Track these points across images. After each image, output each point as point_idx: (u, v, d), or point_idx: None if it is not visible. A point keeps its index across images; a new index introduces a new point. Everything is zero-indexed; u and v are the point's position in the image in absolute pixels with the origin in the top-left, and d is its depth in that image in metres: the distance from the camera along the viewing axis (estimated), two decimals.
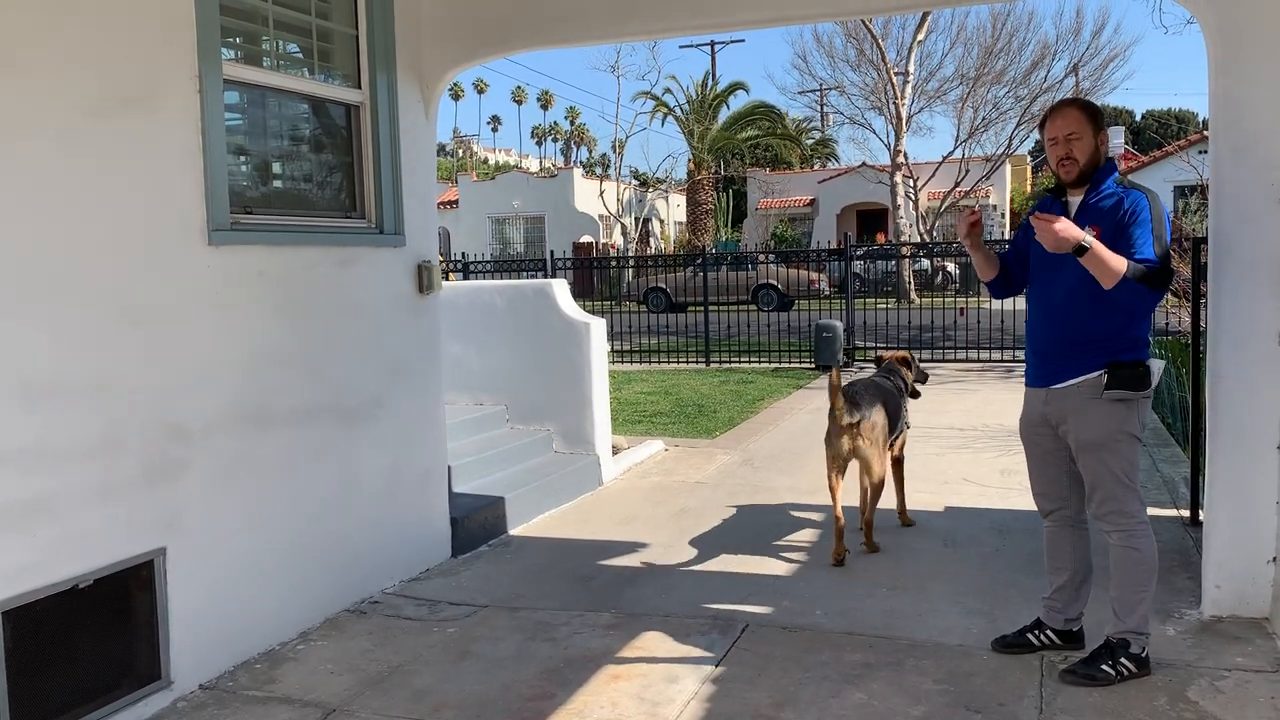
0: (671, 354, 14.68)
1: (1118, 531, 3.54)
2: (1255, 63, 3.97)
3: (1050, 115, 3.62)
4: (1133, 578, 3.53)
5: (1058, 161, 3.56)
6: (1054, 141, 3.55)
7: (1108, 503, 3.53)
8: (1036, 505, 3.85)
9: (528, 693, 3.67)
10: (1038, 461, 3.76)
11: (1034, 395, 3.70)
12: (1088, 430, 3.53)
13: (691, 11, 5.05)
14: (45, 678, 3.25)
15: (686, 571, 5.04)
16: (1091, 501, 3.60)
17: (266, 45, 4.36)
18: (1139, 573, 3.53)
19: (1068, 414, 3.56)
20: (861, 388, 5.44)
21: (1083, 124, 3.52)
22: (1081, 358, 3.50)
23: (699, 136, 34.68)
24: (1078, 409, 3.53)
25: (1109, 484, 3.53)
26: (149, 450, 3.59)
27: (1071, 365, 3.53)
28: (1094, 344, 3.48)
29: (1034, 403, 3.70)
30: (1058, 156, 3.55)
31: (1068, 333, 3.54)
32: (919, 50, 26.64)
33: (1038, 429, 3.70)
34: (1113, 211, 3.46)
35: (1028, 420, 3.75)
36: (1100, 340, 3.47)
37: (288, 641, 4.21)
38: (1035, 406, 3.69)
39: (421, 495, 5.14)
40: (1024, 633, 3.87)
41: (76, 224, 3.35)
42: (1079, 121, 3.52)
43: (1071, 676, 3.57)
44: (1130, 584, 3.54)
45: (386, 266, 4.86)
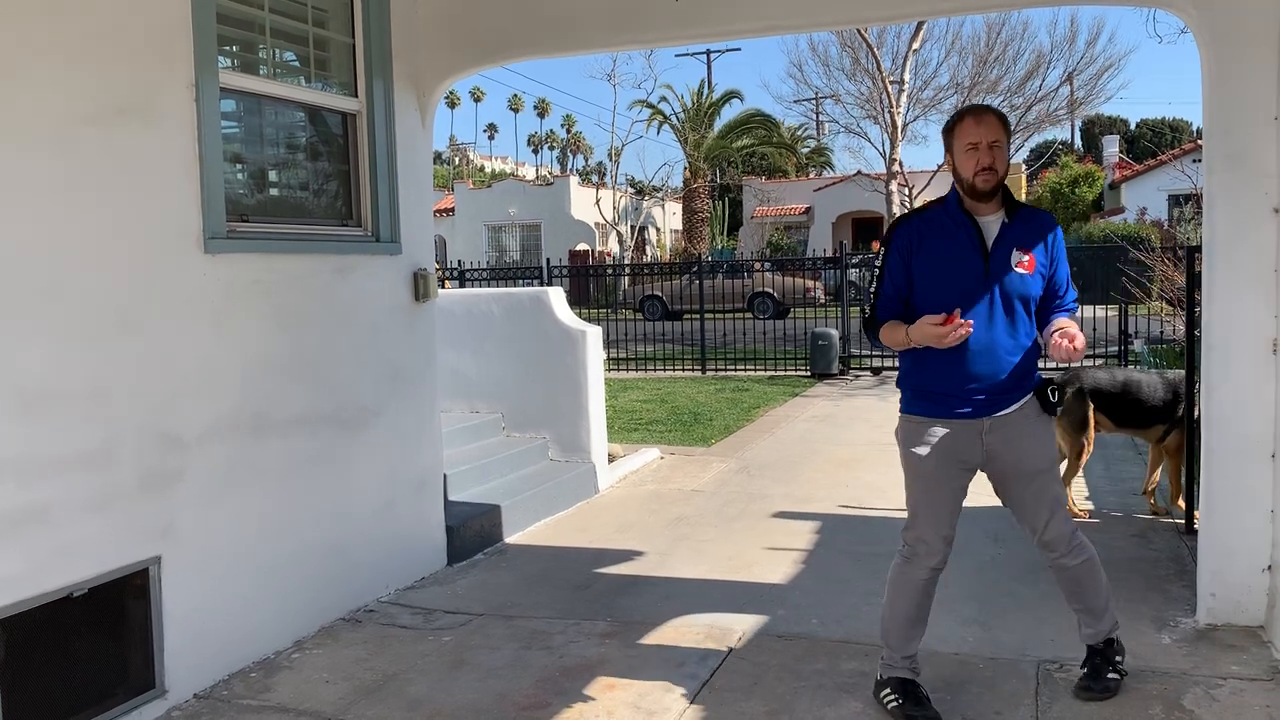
0: (667, 362, 14.68)
1: (1075, 550, 3.42)
2: (1248, 72, 3.99)
3: (967, 118, 3.29)
4: (1100, 583, 3.50)
5: (977, 171, 3.22)
6: (973, 147, 3.22)
7: (1064, 525, 3.41)
8: (932, 555, 3.42)
9: (523, 701, 3.66)
10: (949, 502, 3.39)
11: (965, 429, 3.32)
12: (1038, 453, 3.38)
13: (687, 21, 5.06)
14: (40, 686, 3.24)
15: (682, 580, 5.03)
16: (1046, 529, 3.39)
17: (263, 54, 4.36)
18: (1102, 576, 3.52)
19: (1013, 440, 3.33)
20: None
21: (1003, 134, 3.26)
22: (1025, 382, 3.37)
23: (695, 145, 34.73)
24: (1029, 433, 3.35)
25: (1058, 507, 3.41)
26: (144, 459, 3.59)
27: (1016, 391, 3.33)
28: (1031, 367, 3.38)
29: (962, 437, 3.32)
30: (978, 165, 3.22)
31: (1011, 359, 3.30)
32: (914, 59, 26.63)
33: (955, 467, 3.35)
34: (1040, 235, 3.33)
35: (944, 459, 3.33)
36: (1034, 362, 3.40)
37: (283, 650, 4.20)
38: (964, 440, 3.33)
39: (417, 503, 5.14)
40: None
41: (72, 232, 3.35)
42: (1000, 130, 3.25)
43: (1088, 694, 3.51)
44: (1100, 590, 3.50)
45: (383, 274, 4.86)
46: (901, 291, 3.38)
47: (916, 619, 3.49)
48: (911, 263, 3.34)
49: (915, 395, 3.41)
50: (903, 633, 3.49)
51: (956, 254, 3.30)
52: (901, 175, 27.79)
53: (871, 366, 13.87)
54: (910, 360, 3.41)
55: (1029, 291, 3.32)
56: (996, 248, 3.30)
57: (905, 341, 3.31)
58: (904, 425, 3.45)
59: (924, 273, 3.32)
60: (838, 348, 13.46)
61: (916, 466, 3.39)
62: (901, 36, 26.85)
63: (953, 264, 3.30)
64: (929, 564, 3.44)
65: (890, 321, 3.37)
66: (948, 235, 3.33)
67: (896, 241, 3.38)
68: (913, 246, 3.34)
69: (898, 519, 6.04)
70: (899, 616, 3.49)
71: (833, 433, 9.20)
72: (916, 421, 3.40)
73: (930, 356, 3.29)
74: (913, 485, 3.43)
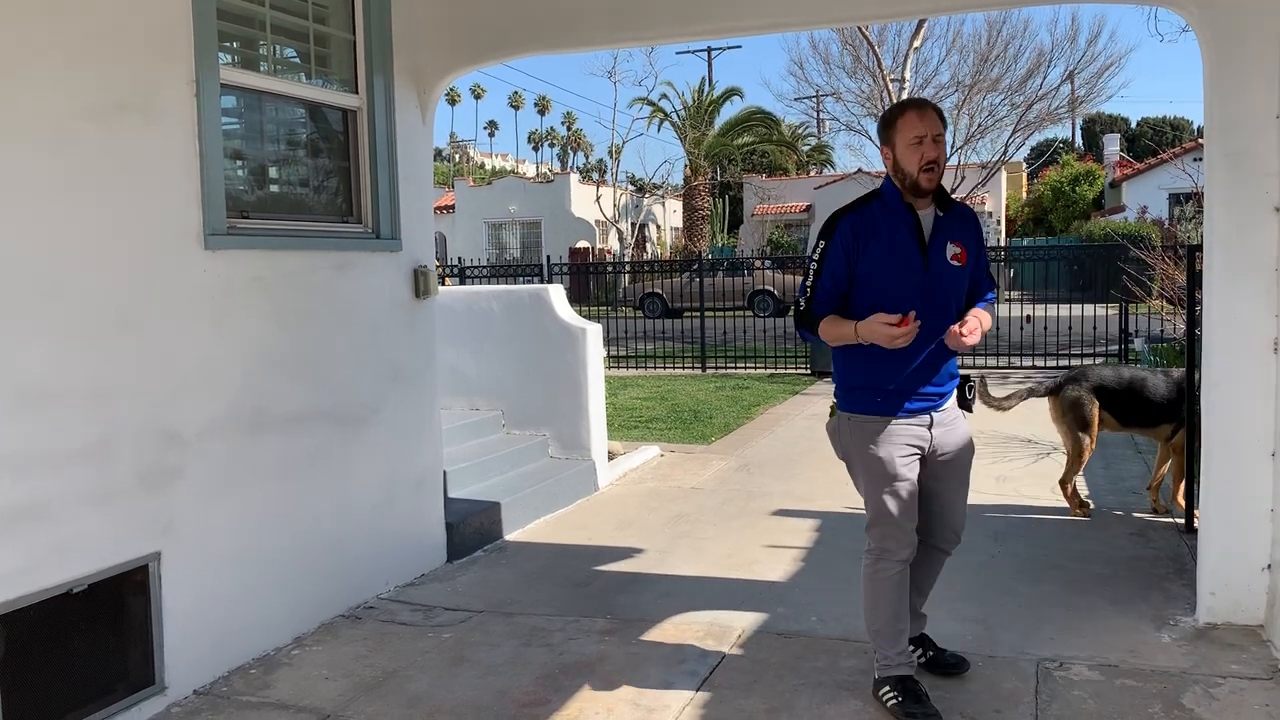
0: (667, 359, 14.68)
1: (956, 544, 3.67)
2: (1250, 70, 3.98)
3: (910, 111, 3.28)
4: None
5: (922, 166, 3.22)
6: (919, 140, 3.21)
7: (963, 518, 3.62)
8: (903, 549, 3.42)
9: (523, 698, 3.66)
10: (913, 494, 3.39)
11: (919, 424, 3.36)
12: (966, 446, 3.49)
13: (688, 18, 5.05)
14: (40, 683, 3.24)
15: (682, 577, 5.04)
16: (959, 519, 3.58)
17: (263, 50, 4.36)
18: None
19: (949, 434, 3.42)
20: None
21: (942, 128, 3.26)
22: (955, 376, 3.47)
23: (695, 142, 34.71)
24: (958, 427, 3.46)
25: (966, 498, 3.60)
26: (144, 455, 3.59)
27: (950, 384, 3.45)
28: (955, 361, 3.47)
29: (915, 431, 3.36)
30: (925, 159, 3.21)
31: (950, 354, 3.39)
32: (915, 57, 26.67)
33: (913, 460, 3.37)
34: (967, 227, 3.40)
35: (904, 455, 3.35)
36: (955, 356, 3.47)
37: (282, 647, 4.20)
38: (917, 435, 3.36)
39: (417, 500, 5.14)
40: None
41: (71, 228, 3.35)
42: (940, 124, 3.25)
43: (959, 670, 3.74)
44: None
45: (383, 271, 4.86)
46: (841, 286, 3.34)
47: (901, 613, 3.49)
48: (856, 257, 3.30)
49: (865, 394, 3.38)
50: (892, 630, 3.48)
51: (898, 249, 3.30)
52: None
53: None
54: (856, 359, 3.37)
55: (961, 285, 3.41)
56: (933, 242, 3.34)
57: (851, 338, 3.29)
58: (854, 426, 3.40)
59: (868, 267, 3.30)
60: None
61: (878, 466, 3.37)
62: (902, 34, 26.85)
63: (895, 259, 3.30)
64: (900, 558, 3.44)
65: (831, 316, 3.34)
66: (890, 229, 3.31)
67: (839, 235, 3.32)
68: (857, 240, 3.31)
69: None
70: (885, 616, 3.48)
71: None
72: (870, 421, 3.37)
73: (879, 354, 3.29)
74: (875, 484, 3.40)
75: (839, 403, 3.49)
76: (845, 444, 3.48)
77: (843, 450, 3.52)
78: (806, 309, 3.38)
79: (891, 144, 3.29)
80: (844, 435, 3.46)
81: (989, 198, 33.34)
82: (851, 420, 3.42)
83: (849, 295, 3.34)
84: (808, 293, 3.37)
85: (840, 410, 3.48)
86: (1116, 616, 4.27)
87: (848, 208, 3.39)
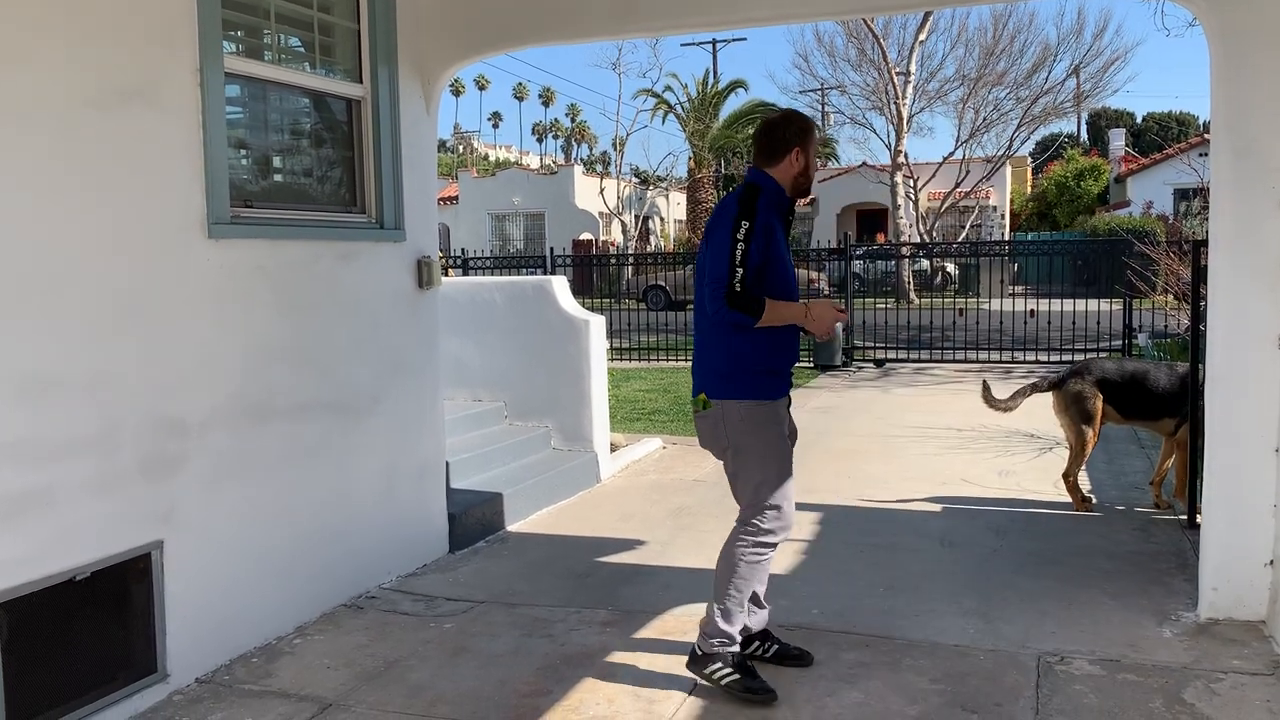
0: (670, 352, 14.67)
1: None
2: (1257, 65, 3.97)
3: (814, 128, 3.65)
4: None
5: (810, 177, 3.57)
6: (817, 155, 3.61)
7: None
8: (789, 528, 3.56)
9: (524, 689, 3.67)
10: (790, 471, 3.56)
11: (785, 403, 3.59)
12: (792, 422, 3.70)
13: (693, 9, 5.04)
14: (42, 670, 3.25)
15: (684, 569, 5.04)
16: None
17: (268, 39, 4.35)
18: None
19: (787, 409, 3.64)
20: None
21: None
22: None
23: (700, 134, 34.64)
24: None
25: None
26: (146, 444, 3.59)
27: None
28: None
29: (783, 410, 3.58)
30: (813, 175, 3.60)
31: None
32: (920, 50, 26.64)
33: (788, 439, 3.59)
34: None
35: (783, 431, 3.54)
36: None
37: (284, 636, 4.21)
38: (784, 413, 3.59)
39: (419, 491, 5.14)
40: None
41: (75, 216, 3.35)
42: None
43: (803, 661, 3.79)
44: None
45: (386, 261, 4.86)
46: (759, 267, 3.36)
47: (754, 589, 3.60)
48: (769, 239, 3.39)
49: (758, 378, 3.46)
50: (743, 609, 3.56)
51: (786, 238, 3.55)
52: (907, 167, 27.79)
53: (875, 359, 13.86)
54: (760, 344, 3.42)
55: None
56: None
57: (800, 318, 3.44)
58: (747, 411, 3.45)
59: (777, 250, 3.44)
60: (841, 339, 13.44)
61: (773, 449, 3.48)
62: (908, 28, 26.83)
63: (785, 245, 3.53)
64: (784, 538, 3.57)
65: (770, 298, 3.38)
66: (781, 218, 3.53)
67: (761, 215, 3.39)
68: (771, 222, 3.43)
69: (900, 510, 6.07)
70: (746, 596, 3.55)
71: (835, 424, 9.19)
72: (762, 405, 3.46)
73: (778, 338, 3.45)
74: (773, 467, 3.49)
75: (722, 390, 3.46)
76: (736, 432, 3.47)
77: (729, 439, 3.49)
78: (743, 290, 3.31)
79: (807, 149, 3.54)
80: (733, 423, 3.46)
81: (994, 192, 33.30)
82: (743, 406, 3.45)
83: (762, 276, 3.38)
84: (738, 273, 3.31)
85: (725, 399, 3.46)
86: (1118, 611, 4.27)
87: (753, 193, 3.45)
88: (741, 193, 3.46)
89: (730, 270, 3.31)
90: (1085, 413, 5.85)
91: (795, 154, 3.51)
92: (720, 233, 3.38)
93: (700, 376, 3.56)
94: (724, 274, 3.31)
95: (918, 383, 12.08)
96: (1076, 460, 5.93)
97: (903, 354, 13.94)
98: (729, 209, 3.42)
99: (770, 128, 3.58)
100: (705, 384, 3.52)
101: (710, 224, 3.50)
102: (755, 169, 3.58)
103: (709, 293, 3.36)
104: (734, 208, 3.40)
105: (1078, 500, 5.94)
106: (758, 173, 3.55)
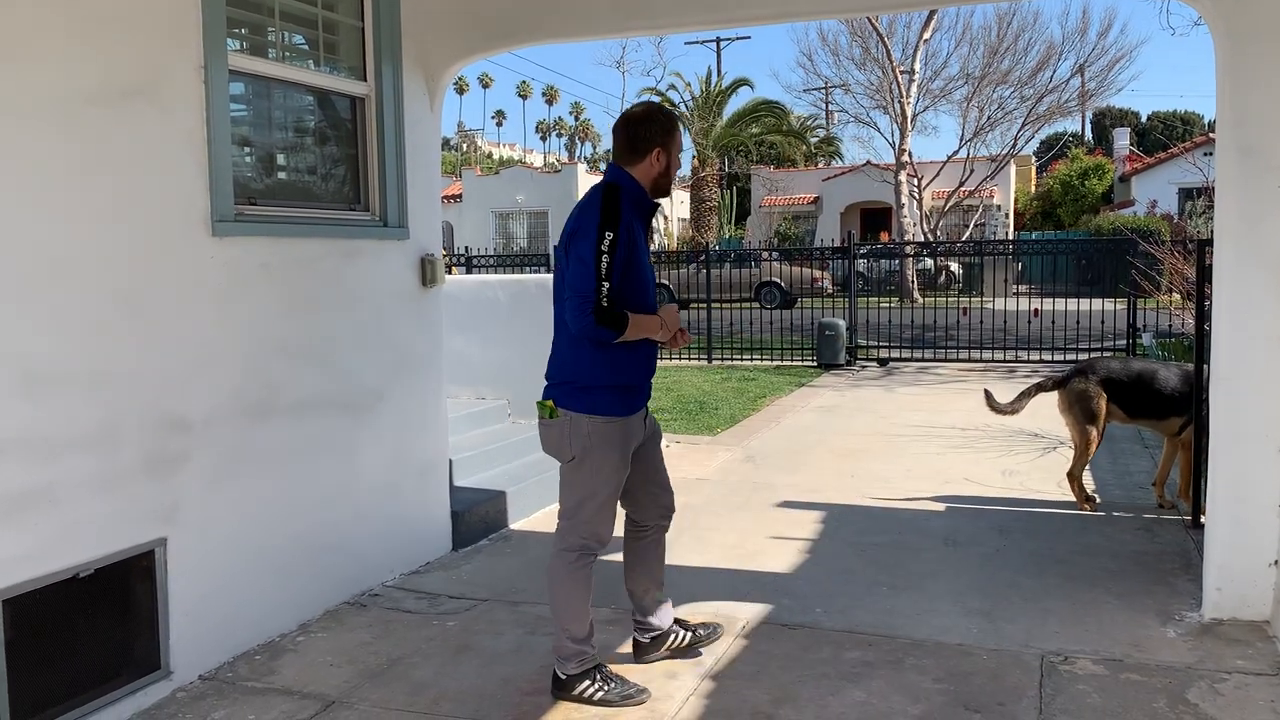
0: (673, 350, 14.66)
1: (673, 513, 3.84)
2: (1264, 63, 3.96)
3: (679, 127, 3.52)
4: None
5: (670, 179, 3.48)
6: (677, 155, 3.49)
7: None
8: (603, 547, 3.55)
9: (527, 687, 3.67)
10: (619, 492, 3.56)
11: (639, 418, 3.52)
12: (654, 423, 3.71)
13: (697, 7, 5.04)
14: (45, 667, 3.25)
15: (687, 568, 5.03)
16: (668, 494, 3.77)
17: (272, 36, 4.35)
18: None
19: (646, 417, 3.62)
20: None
21: None
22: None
23: (703, 133, 34.63)
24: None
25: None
26: (150, 440, 3.59)
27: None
28: None
29: (638, 426, 3.51)
30: (674, 176, 3.51)
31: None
32: (924, 49, 26.60)
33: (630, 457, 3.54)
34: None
35: (629, 452, 3.49)
36: None
37: (287, 633, 4.21)
38: (639, 429, 3.52)
39: (422, 489, 5.14)
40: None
41: (79, 213, 3.35)
42: None
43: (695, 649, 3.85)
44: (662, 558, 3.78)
45: (390, 259, 4.85)
46: (622, 276, 3.25)
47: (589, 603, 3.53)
48: (632, 248, 3.29)
49: (612, 393, 3.38)
50: (587, 622, 3.52)
51: (644, 240, 3.42)
52: (911, 166, 27.77)
53: (878, 358, 13.85)
54: (619, 359, 3.35)
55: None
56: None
57: (656, 329, 3.38)
58: (596, 426, 3.37)
59: (638, 259, 3.32)
60: (845, 338, 13.43)
61: (612, 466, 3.42)
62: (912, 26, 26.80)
63: (646, 249, 3.42)
64: (600, 553, 3.53)
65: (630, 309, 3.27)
66: (643, 221, 3.43)
67: (625, 224, 3.25)
68: (633, 227, 3.32)
69: (903, 510, 6.07)
70: (582, 610, 3.50)
71: (838, 423, 9.19)
72: (612, 421, 3.38)
73: (631, 352, 3.37)
74: (601, 486, 3.43)
75: (574, 403, 3.37)
76: (582, 445, 3.39)
77: (574, 451, 3.41)
78: (610, 305, 3.21)
79: (669, 149, 3.43)
80: (580, 436, 3.38)
81: (998, 191, 33.26)
82: (593, 421, 3.36)
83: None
84: (604, 287, 3.19)
85: (577, 411, 3.37)
86: (1122, 611, 4.27)
87: (615, 194, 3.30)
88: (603, 195, 3.30)
89: (597, 285, 3.19)
90: (1089, 412, 5.84)
91: (657, 154, 3.39)
92: (584, 242, 3.23)
93: (552, 383, 3.46)
94: (590, 289, 3.19)
95: (921, 382, 12.07)
96: (1080, 459, 5.92)
97: (906, 353, 13.94)
98: (591, 215, 3.26)
99: (632, 123, 3.41)
100: (557, 393, 3.42)
101: (570, 228, 3.33)
102: (615, 166, 3.43)
103: (573, 306, 3.22)
104: (596, 214, 3.25)
105: (1081, 499, 5.93)
106: (618, 171, 3.41)
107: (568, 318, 3.27)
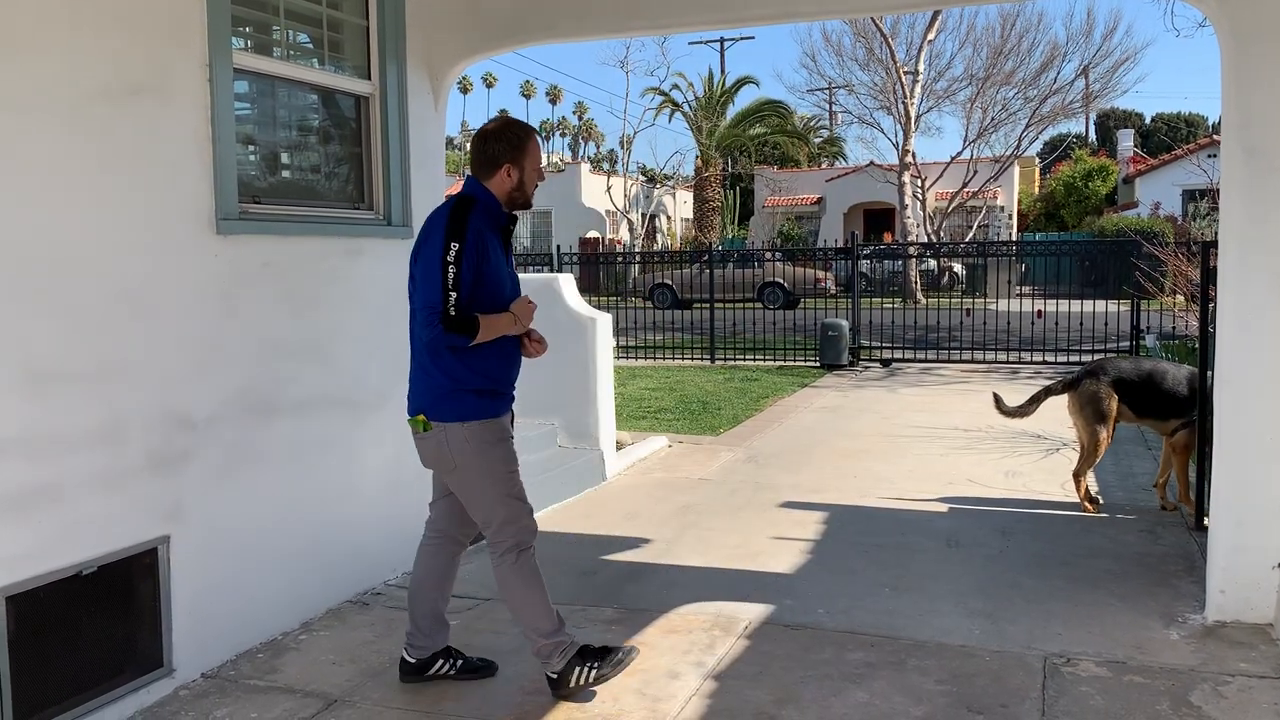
0: (676, 350, 14.67)
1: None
2: (1268, 64, 3.95)
3: (535, 138, 3.50)
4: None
5: (526, 193, 3.47)
6: (537, 168, 3.49)
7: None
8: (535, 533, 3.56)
9: (529, 686, 3.67)
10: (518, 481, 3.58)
11: (507, 419, 3.56)
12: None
13: (700, 6, 5.03)
14: (48, 664, 3.25)
15: (689, 568, 5.03)
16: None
17: (277, 35, 4.35)
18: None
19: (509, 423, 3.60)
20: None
21: None
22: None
23: (707, 133, 34.64)
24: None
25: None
26: (153, 438, 3.59)
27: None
28: None
29: (507, 424, 3.55)
30: (532, 190, 3.48)
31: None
32: (928, 50, 26.58)
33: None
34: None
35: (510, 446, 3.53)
36: None
37: (290, 631, 4.21)
38: (508, 426, 3.56)
39: (425, 488, 5.12)
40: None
41: (83, 211, 3.35)
42: None
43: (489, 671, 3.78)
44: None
45: (394, 258, 4.84)
46: (471, 286, 3.27)
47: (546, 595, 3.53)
48: (482, 260, 3.31)
49: (480, 398, 3.40)
50: (551, 612, 3.52)
51: (499, 253, 3.43)
52: (914, 167, 27.76)
53: (881, 358, 13.84)
54: (481, 363, 3.38)
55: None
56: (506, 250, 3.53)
57: (510, 324, 3.41)
58: (472, 432, 3.38)
59: (490, 269, 3.34)
60: (848, 339, 13.43)
61: (500, 465, 3.46)
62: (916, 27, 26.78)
63: (501, 261, 3.43)
64: (533, 543, 3.54)
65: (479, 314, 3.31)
66: (493, 235, 3.41)
67: (472, 236, 3.27)
68: (480, 241, 3.32)
69: (906, 510, 6.06)
70: (542, 603, 3.50)
71: (841, 423, 9.18)
72: (486, 424, 3.42)
73: (495, 356, 3.42)
74: (501, 484, 3.46)
75: (443, 412, 3.38)
76: (460, 454, 3.41)
77: (455, 461, 3.42)
78: (459, 313, 3.25)
79: (520, 165, 3.43)
80: (457, 445, 3.39)
81: (1001, 192, 33.24)
82: (467, 427, 3.38)
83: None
84: (451, 297, 3.23)
85: (448, 421, 3.38)
86: (1125, 613, 4.26)
87: (465, 207, 3.33)
88: (452, 207, 3.34)
89: (444, 295, 3.23)
90: (1100, 413, 5.84)
91: (507, 169, 3.40)
92: (430, 255, 3.27)
93: (418, 397, 3.45)
94: (437, 300, 3.23)
95: (924, 383, 12.06)
96: (1088, 460, 5.91)
97: (909, 354, 13.93)
98: (438, 228, 3.30)
99: (485, 139, 3.45)
100: (424, 405, 3.42)
101: (419, 241, 3.38)
102: (471, 179, 3.46)
103: (422, 319, 3.26)
104: (442, 227, 3.28)
105: (1084, 499, 5.92)
106: (474, 183, 3.44)
107: (417, 330, 3.33)
